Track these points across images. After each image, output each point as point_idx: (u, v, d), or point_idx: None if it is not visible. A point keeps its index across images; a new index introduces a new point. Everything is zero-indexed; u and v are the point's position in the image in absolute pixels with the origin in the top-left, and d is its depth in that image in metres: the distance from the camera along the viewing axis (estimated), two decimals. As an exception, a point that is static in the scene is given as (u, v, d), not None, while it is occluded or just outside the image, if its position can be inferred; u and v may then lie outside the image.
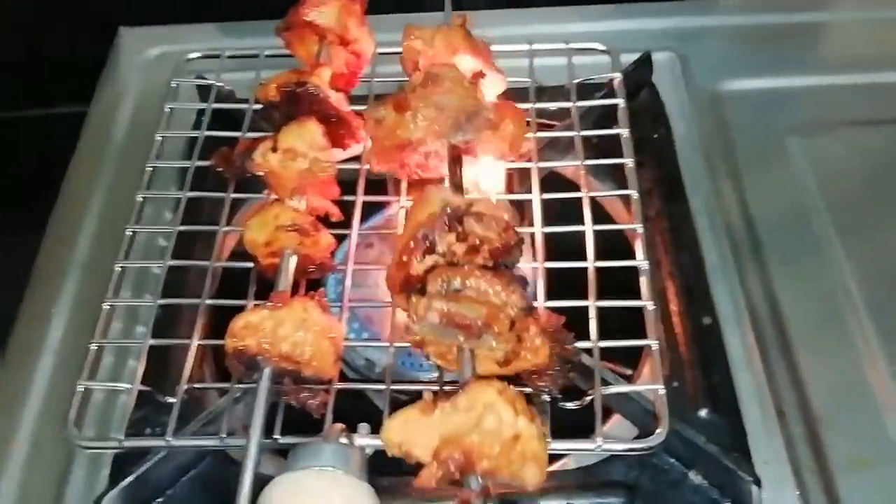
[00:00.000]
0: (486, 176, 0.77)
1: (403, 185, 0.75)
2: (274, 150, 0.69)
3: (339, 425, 0.59)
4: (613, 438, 0.62)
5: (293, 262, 0.67)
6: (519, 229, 0.67)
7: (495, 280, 0.58)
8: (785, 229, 0.87)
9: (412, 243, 0.61)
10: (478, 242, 0.61)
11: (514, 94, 0.82)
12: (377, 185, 0.79)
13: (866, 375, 0.76)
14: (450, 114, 0.68)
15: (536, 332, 0.59)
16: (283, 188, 0.71)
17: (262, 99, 0.75)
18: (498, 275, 0.59)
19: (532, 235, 0.71)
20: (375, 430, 0.61)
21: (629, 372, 0.81)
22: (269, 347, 0.60)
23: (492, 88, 0.75)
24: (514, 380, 0.60)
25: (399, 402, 0.75)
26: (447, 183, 0.68)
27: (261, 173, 0.71)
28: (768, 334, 0.79)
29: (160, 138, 0.81)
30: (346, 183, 0.75)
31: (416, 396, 0.73)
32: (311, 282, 0.71)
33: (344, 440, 0.58)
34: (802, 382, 0.75)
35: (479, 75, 0.72)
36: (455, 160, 0.69)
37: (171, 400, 0.66)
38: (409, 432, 0.54)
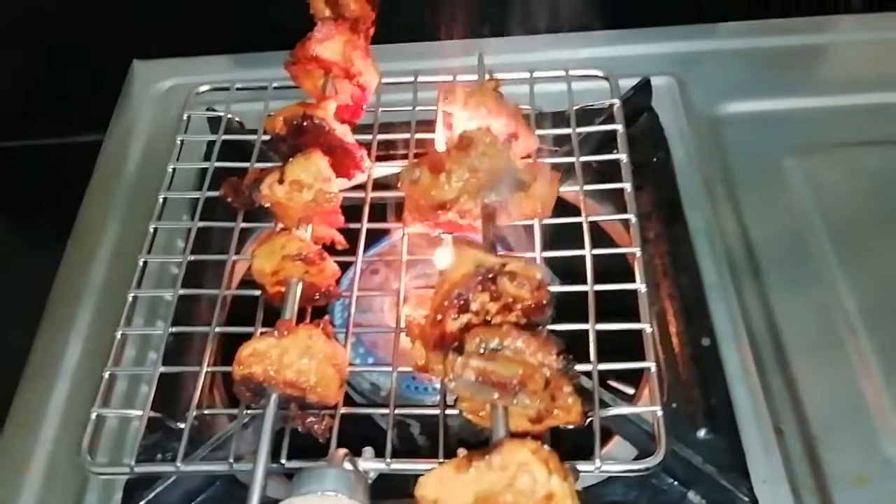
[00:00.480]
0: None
1: (406, 214, 0.77)
2: (280, 181, 0.71)
3: (343, 450, 0.61)
4: (612, 460, 0.64)
5: (299, 290, 0.69)
6: (520, 254, 0.70)
7: (532, 340, 0.59)
8: (783, 251, 0.89)
9: (447, 302, 0.62)
10: (511, 301, 0.62)
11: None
12: (381, 213, 0.81)
13: (864, 394, 0.77)
14: (483, 175, 0.70)
15: (570, 392, 0.59)
16: (289, 218, 0.73)
17: (269, 131, 0.77)
18: (535, 335, 0.60)
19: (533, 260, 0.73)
20: (380, 453, 0.63)
21: (631, 391, 0.83)
22: (274, 374, 0.62)
23: (522, 148, 0.76)
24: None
25: (403, 426, 0.78)
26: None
27: (267, 204, 0.73)
28: (766, 354, 0.80)
29: (171, 169, 0.83)
30: (351, 211, 0.77)
31: (420, 419, 0.76)
32: (317, 308, 0.73)
33: (348, 464, 0.60)
34: (800, 401, 0.77)
35: (513, 137, 0.74)
36: (488, 218, 0.71)
37: (181, 426, 0.68)
38: (444, 489, 0.54)
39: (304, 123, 0.74)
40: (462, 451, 0.56)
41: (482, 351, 0.59)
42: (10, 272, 1.27)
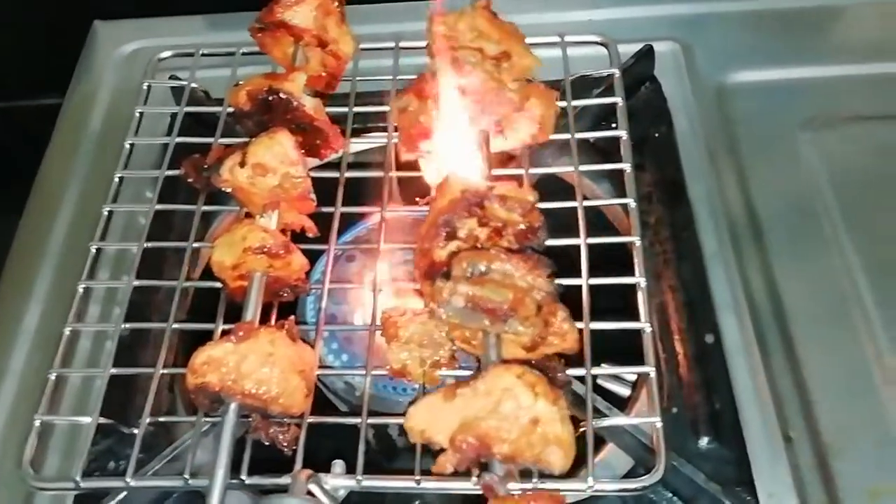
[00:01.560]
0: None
1: (385, 196, 0.71)
2: (242, 164, 0.64)
3: (306, 471, 0.55)
4: (605, 477, 0.58)
5: (263, 285, 0.63)
6: None
7: (521, 263, 0.58)
8: (792, 226, 0.82)
9: (434, 231, 0.60)
10: (501, 226, 0.60)
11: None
12: (357, 195, 0.74)
13: (880, 394, 0.71)
14: (471, 97, 0.67)
15: (564, 317, 0.58)
16: (253, 204, 0.66)
17: (233, 105, 0.70)
18: (524, 257, 0.58)
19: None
20: (352, 467, 0.58)
21: (626, 393, 0.77)
22: (232, 384, 0.56)
23: (519, 69, 0.70)
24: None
25: (381, 426, 0.72)
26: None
27: (228, 189, 0.66)
28: (774, 347, 0.74)
29: (129, 145, 0.77)
30: (324, 192, 0.70)
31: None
32: (285, 302, 0.67)
33: (313, 486, 0.54)
34: (811, 403, 0.71)
35: (503, 57, 0.69)
36: (483, 144, 0.68)
37: (135, 432, 0.62)
38: (431, 419, 0.54)
39: (270, 98, 0.67)
40: (450, 380, 0.56)
41: (470, 275, 0.57)
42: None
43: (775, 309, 0.77)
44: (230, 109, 0.75)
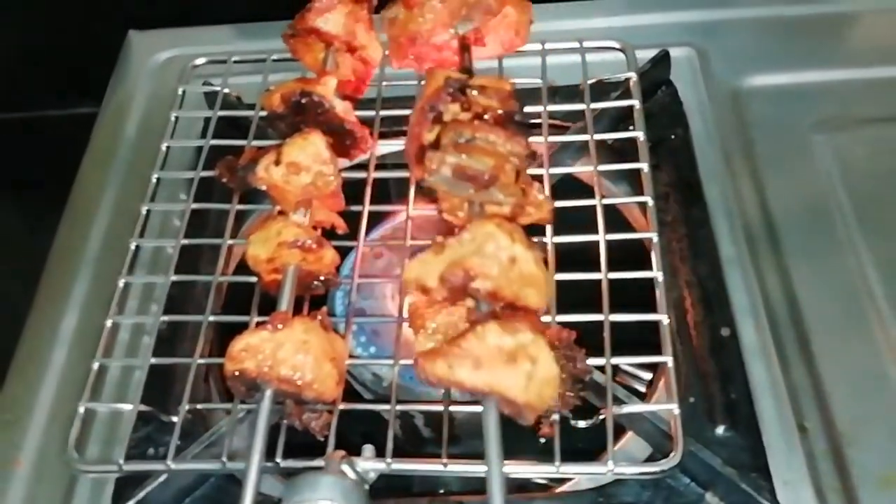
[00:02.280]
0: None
1: (411, 195, 0.73)
2: (277, 163, 0.67)
3: (340, 452, 0.57)
4: (625, 462, 0.60)
5: (296, 278, 0.66)
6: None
7: (501, 132, 0.64)
8: (807, 229, 0.84)
9: (421, 116, 0.66)
10: (481, 111, 0.66)
11: (526, 95, 0.80)
12: (384, 194, 0.77)
13: (893, 387, 0.73)
14: (452, 5, 0.73)
15: (539, 189, 0.64)
16: (287, 202, 0.69)
17: (266, 108, 0.73)
18: (504, 128, 0.64)
19: (545, 246, 0.69)
20: (381, 451, 0.60)
21: (648, 376, 0.79)
22: (268, 371, 0.59)
23: None
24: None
25: (407, 417, 0.75)
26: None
27: (263, 187, 0.69)
28: (788, 341, 0.76)
29: (165, 147, 0.80)
30: (353, 191, 0.73)
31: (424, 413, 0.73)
32: (315, 296, 0.70)
33: (346, 467, 0.56)
34: (825, 394, 0.73)
35: None
36: (462, 49, 0.74)
37: (174, 419, 0.65)
38: (424, 270, 0.60)
39: (303, 101, 0.70)
40: (440, 238, 0.61)
41: (456, 143, 0.63)
42: (12, 247, 1.25)
43: (790, 307, 0.79)
44: (263, 113, 0.78)
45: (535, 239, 0.68)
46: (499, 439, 0.54)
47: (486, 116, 0.66)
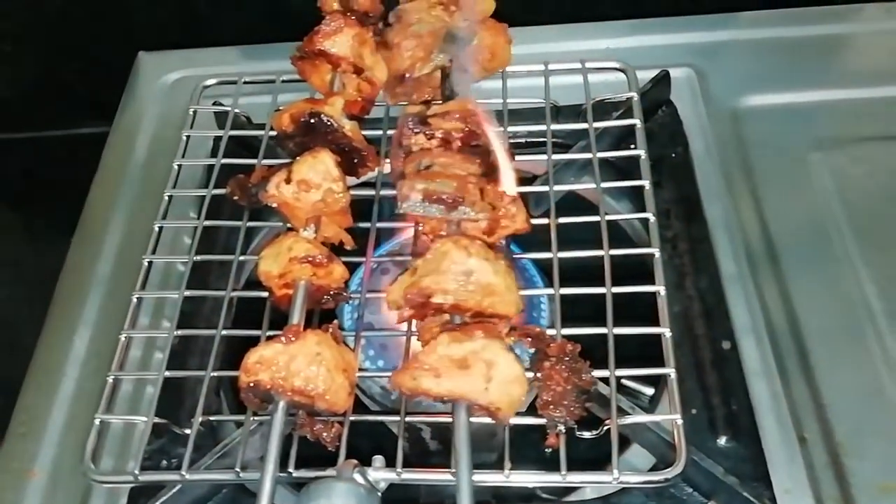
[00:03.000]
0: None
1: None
2: (288, 181, 0.69)
3: (352, 461, 0.59)
4: (629, 471, 0.61)
5: (306, 293, 0.67)
6: (537, 256, 0.72)
7: (455, 155, 0.68)
8: (806, 247, 0.86)
9: (394, 151, 0.71)
10: (447, 133, 0.70)
11: (530, 115, 0.82)
12: (391, 211, 0.78)
13: (890, 397, 0.75)
14: (425, 41, 0.77)
15: (510, 201, 0.67)
16: (297, 218, 0.71)
17: (276, 128, 0.75)
18: (456, 152, 0.69)
19: (550, 261, 0.71)
20: (390, 461, 0.61)
21: (650, 392, 0.81)
22: (282, 382, 0.60)
23: (479, 10, 0.79)
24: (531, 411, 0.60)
25: (415, 430, 0.76)
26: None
27: (274, 204, 0.70)
28: (788, 356, 0.78)
29: (177, 166, 0.81)
30: (360, 209, 0.75)
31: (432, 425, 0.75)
32: (325, 311, 0.71)
33: (358, 476, 0.58)
34: (824, 406, 0.75)
35: (451, 2, 0.78)
36: (443, 78, 0.78)
37: (187, 431, 0.66)
38: (400, 291, 0.64)
39: (312, 121, 0.72)
40: (412, 262, 0.65)
41: (420, 169, 0.67)
42: (19, 268, 1.26)
43: (790, 321, 0.81)
44: (273, 132, 0.80)
45: (541, 255, 0.70)
46: (468, 442, 0.58)
47: (455, 139, 0.69)
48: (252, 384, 0.60)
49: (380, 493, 0.59)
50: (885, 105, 0.98)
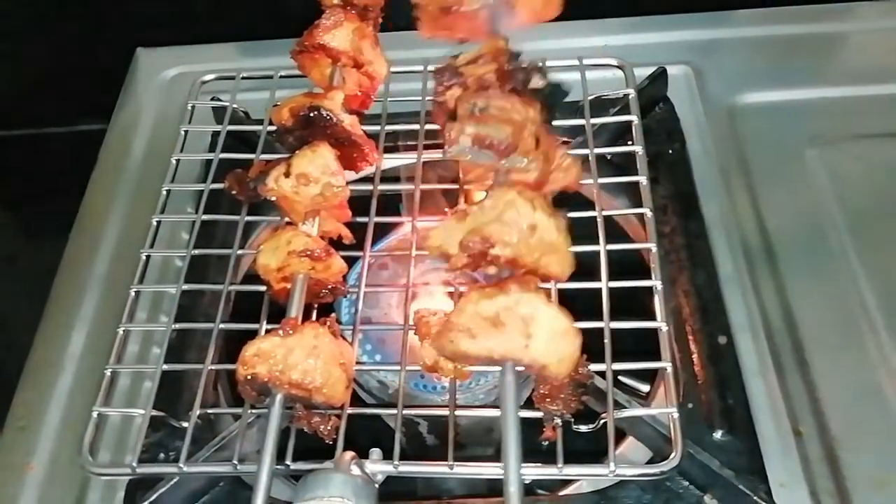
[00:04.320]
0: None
1: (416, 205, 0.75)
2: (287, 175, 0.69)
3: (350, 453, 0.59)
4: (626, 463, 0.62)
5: (305, 287, 0.67)
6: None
7: (514, 98, 0.64)
8: (802, 243, 0.87)
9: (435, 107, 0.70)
10: (484, 76, 0.67)
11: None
12: (389, 206, 0.79)
13: (885, 392, 0.76)
14: None
15: (566, 153, 0.65)
16: (295, 212, 0.71)
17: (275, 122, 0.75)
18: (517, 95, 0.65)
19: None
20: (387, 454, 0.62)
21: (646, 389, 0.81)
22: (279, 375, 0.60)
23: None
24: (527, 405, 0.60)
25: (411, 424, 0.76)
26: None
27: (272, 198, 0.71)
28: (784, 351, 0.79)
29: (175, 161, 0.81)
30: (358, 204, 0.75)
31: (428, 417, 0.75)
32: (322, 305, 0.71)
33: (355, 468, 0.58)
34: (819, 401, 0.75)
35: None
36: (491, 17, 0.73)
37: (184, 424, 0.66)
38: (447, 237, 0.61)
39: (311, 115, 0.72)
40: (463, 205, 0.64)
41: (473, 112, 0.64)
42: (15, 264, 1.26)
43: (786, 318, 0.81)
44: (271, 127, 0.80)
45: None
46: (515, 402, 0.57)
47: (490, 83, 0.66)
48: (249, 377, 0.60)
49: (377, 486, 0.59)
50: (880, 102, 0.99)
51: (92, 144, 1.10)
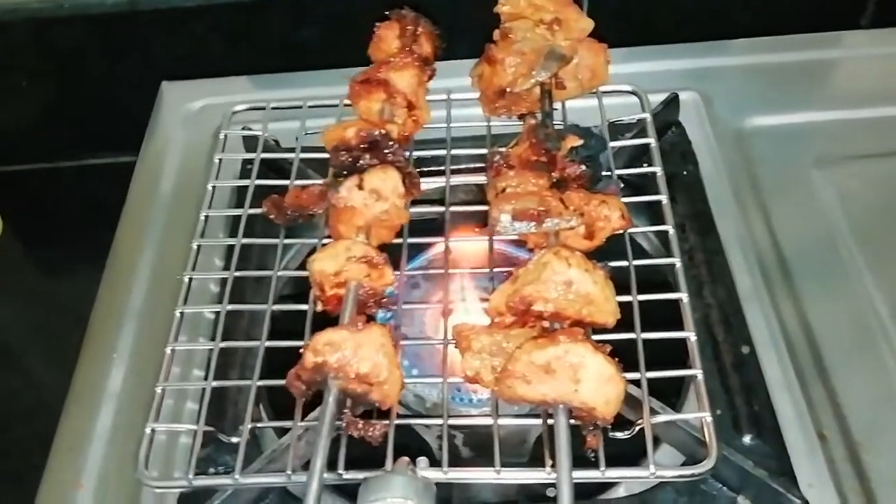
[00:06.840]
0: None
1: (447, 227, 0.78)
2: (360, 187, 0.72)
3: (405, 459, 0.61)
4: (664, 466, 0.64)
5: (357, 294, 0.70)
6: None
7: (525, 173, 0.74)
8: (814, 258, 0.90)
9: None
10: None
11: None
12: (418, 229, 0.81)
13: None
14: (529, 58, 0.81)
15: (597, 203, 0.71)
16: (350, 226, 0.73)
17: (331, 140, 0.78)
18: (526, 168, 0.74)
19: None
20: (431, 463, 0.64)
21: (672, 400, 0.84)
22: (347, 366, 0.63)
23: (577, 31, 0.82)
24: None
25: (448, 437, 0.78)
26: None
27: (319, 211, 0.74)
28: (804, 359, 0.82)
29: (211, 188, 0.84)
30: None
31: (464, 430, 0.77)
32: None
33: (410, 472, 0.60)
34: (840, 405, 0.78)
35: (555, 22, 0.81)
36: (543, 94, 0.82)
37: (234, 440, 0.68)
38: (501, 299, 0.67)
39: (379, 139, 0.76)
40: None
41: (498, 193, 0.73)
42: (32, 299, 1.26)
43: (805, 330, 0.85)
44: (303, 155, 0.84)
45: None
46: (567, 445, 0.60)
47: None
48: (317, 364, 0.63)
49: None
50: (879, 124, 1.03)
51: (104, 178, 1.13)
